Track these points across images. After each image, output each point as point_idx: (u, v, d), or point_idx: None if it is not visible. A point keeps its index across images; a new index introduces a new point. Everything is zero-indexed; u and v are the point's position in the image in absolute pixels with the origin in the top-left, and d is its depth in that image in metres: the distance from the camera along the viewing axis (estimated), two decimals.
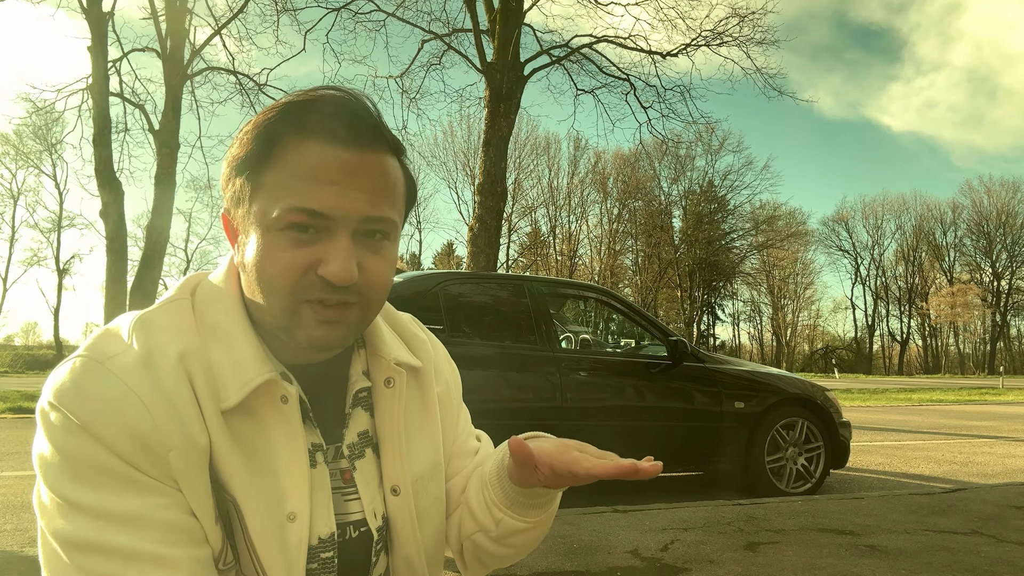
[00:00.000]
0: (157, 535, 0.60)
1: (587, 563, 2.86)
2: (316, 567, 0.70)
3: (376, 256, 0.67)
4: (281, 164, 0.64)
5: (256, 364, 0.66)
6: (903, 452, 7.08)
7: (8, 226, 37.45)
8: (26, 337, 58.44)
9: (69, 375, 0.62)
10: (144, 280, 13.65)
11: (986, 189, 51.55)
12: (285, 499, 0.67)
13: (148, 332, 0.65)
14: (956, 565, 2.88)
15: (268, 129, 0.65)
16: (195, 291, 0.71)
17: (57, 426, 0.60)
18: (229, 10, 15.01)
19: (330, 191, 0.63)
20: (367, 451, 0.76)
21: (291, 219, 0.63)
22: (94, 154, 13.30)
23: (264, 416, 0.67)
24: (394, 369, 0.76)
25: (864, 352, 52.56)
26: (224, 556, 0.66)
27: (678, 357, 4.66)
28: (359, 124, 0.65)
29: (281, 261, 0.63)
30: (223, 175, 0.70)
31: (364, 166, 0.65)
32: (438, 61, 14.82)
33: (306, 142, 0.64)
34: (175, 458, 0.61)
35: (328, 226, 0.64)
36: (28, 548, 3.10)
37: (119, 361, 0.63)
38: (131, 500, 0.60)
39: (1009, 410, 13.18)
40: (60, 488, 0.60)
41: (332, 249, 0.63)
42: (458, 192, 45.26)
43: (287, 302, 0.64)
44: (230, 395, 0.65)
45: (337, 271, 0.63)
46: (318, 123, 0.64)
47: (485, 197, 12.19)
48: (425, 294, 4.30)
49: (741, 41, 14.28)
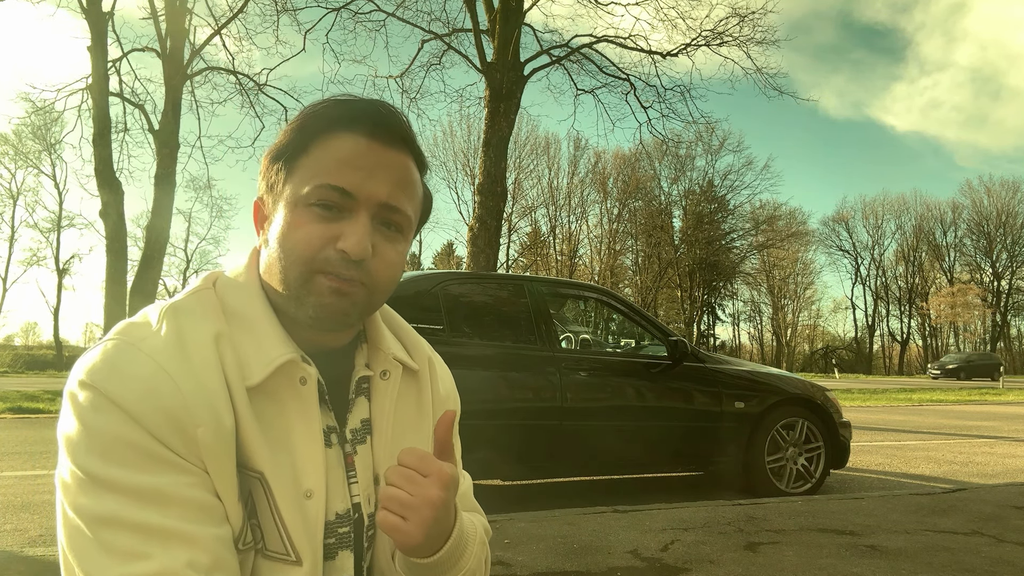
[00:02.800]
0: (181, 512, 0.62)
1: (587, 563, 2.86)
2: (334, 542, 0.74)
3: (389, 245, 0.73)
4: (317, 152, 0.71)
5: (279, 345, 0.70)
6: (903, 452, 7.08)
7: (8, 226, 37.48)
8: (26, 337, 58.52)
9: (101, 355, 0.65)
10: (144, 280, 13.66)
11: (986, 189, 51.63)
12: (302, 477, 0.70)
13: (180, 317, 0.69)
14: (956, 565, 2.88)
15: (310, 121, 0.72)
16: (216, 283, 0.75)
17: (87, 404, 0.62)
18: (229, 10, 15.04)
19: (358, 175, 0.70)
20: (367, 438, 0.80)
21: (320, 195, 0.69)
22: (94, 154, 13.31)
23: (283, 397, 0.70)
24: (391, 363, 0.81)
25: (864, 352, 52.55)
26: (244, 536, 0.67)
27: (678, 357, 4.66)
28: (391, 127, 0.73)
29: (305, 232, 0.69)
30: (263, 164, 0.76)
31: (390, 161, 0.72)
32: (438, 61, 14.83)
33: (342, 134, 0.71)
34: (203, 435, 0.63)
35: (351, 207, 0.70)
36: (28, 548, 3.10)
37: (151, 343, 0.66)
38: (157, 477, 0.62)
39: (1009, 410, 13.18)
40: (87, 465, 0.61)
41: (352, 227, 0.70)
42: (458, 192, 45.23)
43: (303, 270, 0.69)
44: (254, 374, 0.68)
45: (353, 244, 0.68)
46: (354, 120, 0.72)
47: (485, 197, 12.19)
48: (425, 294, 4.30)
49: (741, 41, 14.29)
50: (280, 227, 0.71)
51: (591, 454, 4.38)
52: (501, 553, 2.94)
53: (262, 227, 0.76)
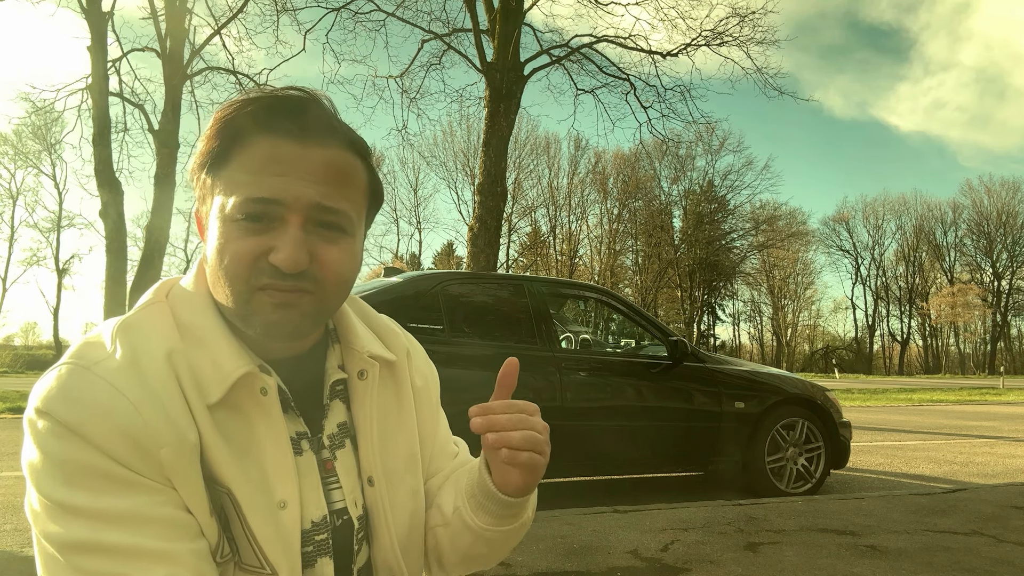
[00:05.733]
0: (155, 531, 0.60)
1: (587, 563, 2.86)
2: (312, 550, 0.72)
3: (330, 246, 0.68)
4: (237, 159, 0.67)
5: (234, 359, 0.67)
6: (903, 452, 7.08)
7: (7, 226, 37.53)
8: (26, 337, 58.39)
9: (56, 382, 0.62)
10: (144, 280, 13.63)
11: (986, 189, 51.59)
12: (274, 488, 0.69)
13: (132, 335, 0.66)
14: (956, 565, 2.88)
15: (225, 126, 0.68)
16: (169, 294, 0.73)
17: (46, 432, 0.60)
18: (229, 10, 15.01)
19: (281, 180, 0.66)
20: (347, 442, 0.78)
21: (244, 209, 0.65)
22: (94, 154, 13.30)
23: (247, 409, 0.68)
24: (367, 362, 0.78)
25: (864, 352, 52.54)
26: (221, 549, 0.67)
27: (678, 357, 4.66)
28: (311, 120, 0.68)
29: (235, 249, 0.66)
30: (189, 172, 0.72)
31: (314, 158, 0.67)
32: (438, 61, 14.82)
33: (259, 137, 0.67)
34: (167, 455, 0.62)
35: (280, 214, 0.66)
36: (28, 548, 3.10)
37: (105, 365, 0.63)
38: (126, 499, 0.60)
39: (1009, 410, 13.18)
40: (53, 493, 0.60)
41: (282, 237, 0.66)
42: (458, 192, 45.36)
43: (242, 289, 0.66)
44: (212, 391, 0.66)
45: (284, 257, 0.64)
46: (271, 119, 0.67)
47: (485, 197, 12.18)
48: (425, 294, 4.30)
49: (741, 41, 14.27)
50: (214, 244, 0.67)
51: (591, 454, 4.37)
52: None
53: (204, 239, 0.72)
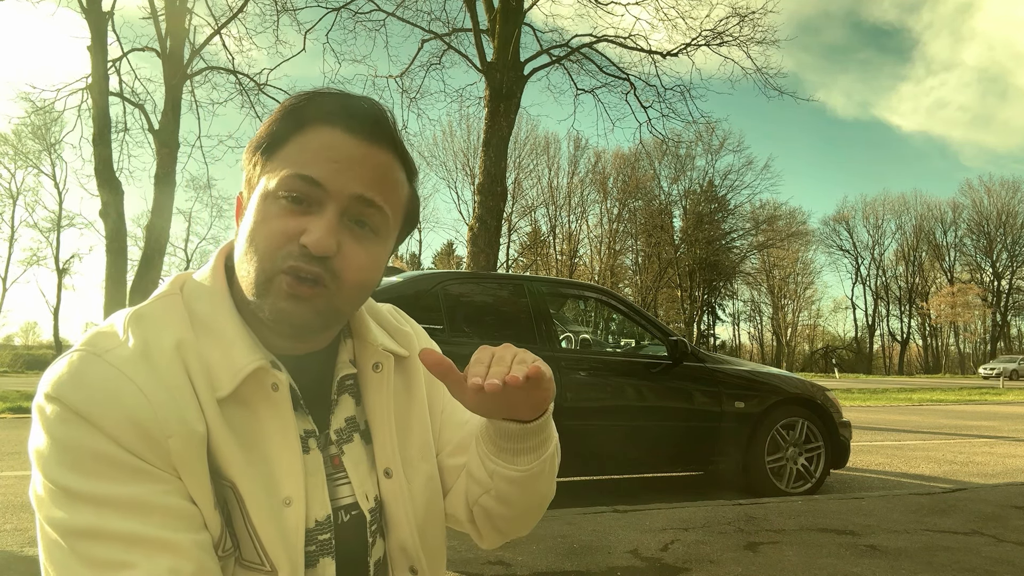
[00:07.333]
0: (159, 520, 0.60)
1: (587, 563, 2.86)
2: (314, 549, 0.72)
3: (358, 245, 0.69)
4: (295, 142, 0.68)
5: (246, 353, 0.67)
6: (903, 452, 7.08)
7: (8, 226, 37.51)
8: (26, 337, 58.46)
9: (67, 368, 0.63)
10: (144, 280, 13.63)
11: (986, 189, 51.64)
12: (279, 485, 0.69)
13: (144, 325, 0.67)
14: (956, 565, 2.88)
15: (291, 112, 0.69)
16: (184, 287, 0.73)
17: (55, 418, 0.61)
18: (229, 10, 14.99)
19: (331, 165, 0.67)
20: (355, 436, 0.78)
21: (288, 185, 0.66)
22: (94, 154, 13.28)
23: (256, 404, 0.68)
24: (382, 354, 0.79)
25: (864, 352, 52.54)
26: (223, 542, 0.67)
27: (678, 357, 4.66)
28: (376, 126, 0.70)
29: (271, 227, 0.66)
30: (244, 156, 0.73)
31: (369, 158, 0.68)
32: (438, 61, 14.81)
33: (322, 127, 0.68)
34: (174, 444, 0.62)
35: (320, 200, 0.67)
36: (28, 548, 3.10)
37: (116, 353, 0.64)
38: (132, 487, 0.60)
39: (1009, 410, 13.18)
40: (59, 479, 0.60)
41: (317, 221, 0.66)
42: (458, 192, 45.36)
43: (267, 267, 0.66)
44: (223, 384, 0.66)
45: (316, 240, 0.65)
46: (336, 114, 0.68)
47: (485, 197, 12.17)
48: (425, 294, 4.30)
49: (741, 41, 14.25)
50: (250, 222, 0.68)
51: (591, 454, 4.37)
52: (501, 553, 2.94)
53: (241, 220, 0.73)
